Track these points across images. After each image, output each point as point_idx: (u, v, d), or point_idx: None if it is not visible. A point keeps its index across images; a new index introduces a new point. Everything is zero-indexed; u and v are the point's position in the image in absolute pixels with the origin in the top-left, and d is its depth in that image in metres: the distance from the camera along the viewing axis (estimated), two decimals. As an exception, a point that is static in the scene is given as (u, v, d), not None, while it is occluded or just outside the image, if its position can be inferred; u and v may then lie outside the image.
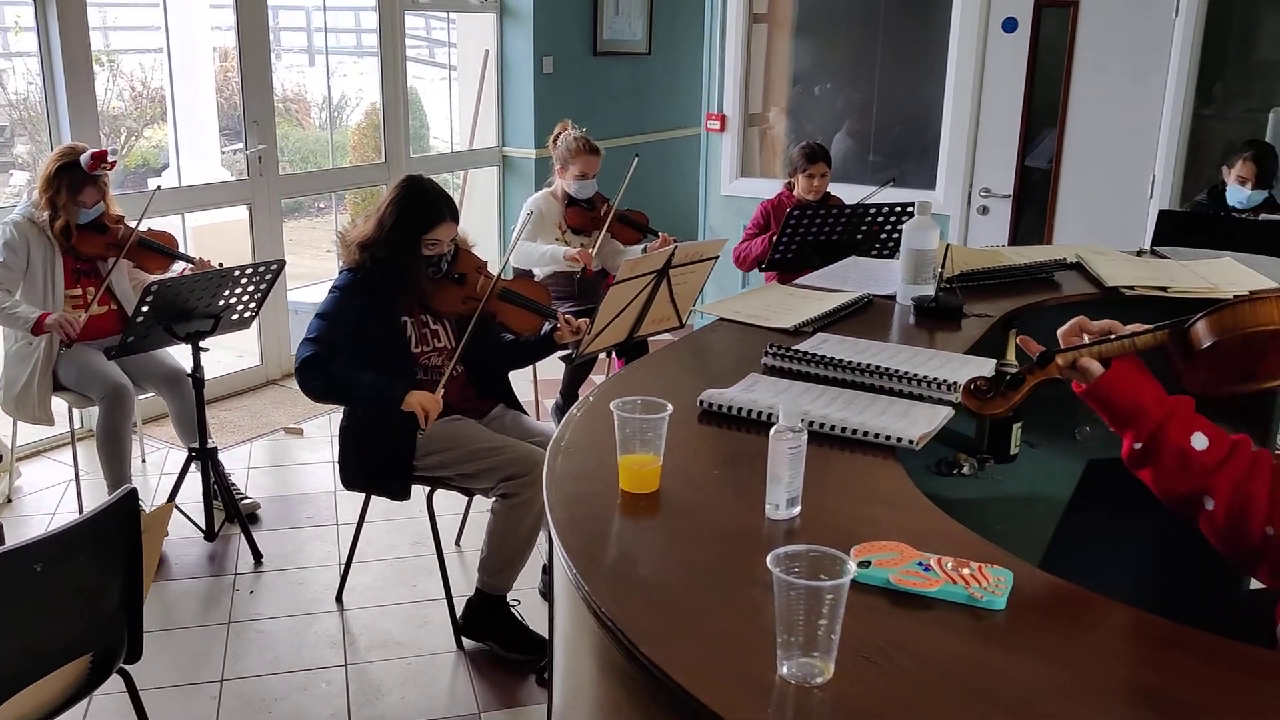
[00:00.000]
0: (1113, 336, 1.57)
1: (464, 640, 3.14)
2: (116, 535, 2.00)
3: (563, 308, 4.40)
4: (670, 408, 1.59)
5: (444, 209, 3.04)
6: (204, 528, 3.74)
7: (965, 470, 2.38)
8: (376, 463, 3.05)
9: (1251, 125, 5.19)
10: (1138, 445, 1.52)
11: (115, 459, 3.68)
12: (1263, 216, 4.28)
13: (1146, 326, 1.57)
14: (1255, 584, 3.04)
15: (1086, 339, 1.59)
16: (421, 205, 3.01)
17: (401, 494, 3.09)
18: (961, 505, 2.24)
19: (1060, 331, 1.62)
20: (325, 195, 6.52)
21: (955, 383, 2.01)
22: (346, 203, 7.24)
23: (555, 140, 4.57)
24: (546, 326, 3.23)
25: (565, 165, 4.50)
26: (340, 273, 3.11)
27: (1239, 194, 4.39)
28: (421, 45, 9.19)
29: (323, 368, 2.93)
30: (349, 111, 8.72)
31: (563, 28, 6.26)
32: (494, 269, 3.29)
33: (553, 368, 4.11)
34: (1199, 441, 1.48)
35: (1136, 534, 2.87)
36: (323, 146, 7.50)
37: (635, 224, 4.71)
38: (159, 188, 3.78)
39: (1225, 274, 2.89)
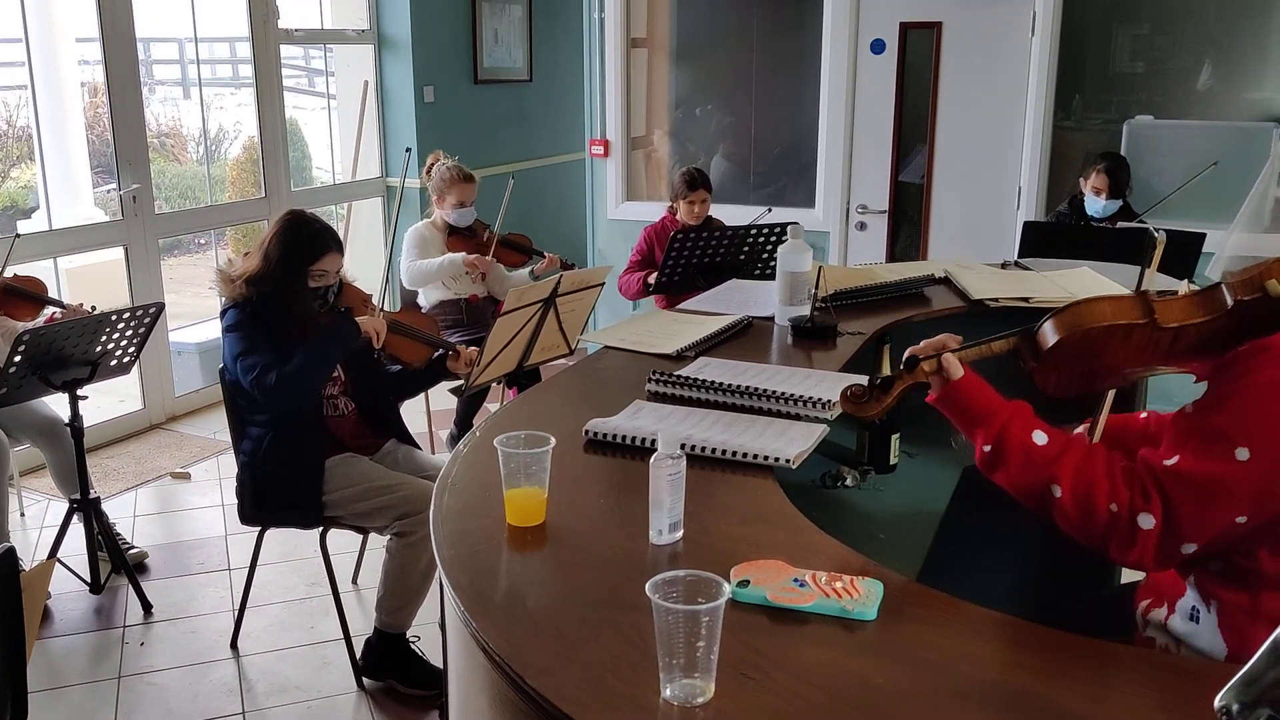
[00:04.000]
0: (970, 343, 1.69)
1: (364, 680, 3.12)
2: (-6, 597, 1.94)
3: (452, 336, 4.42)
4: (553, 441, 1.63)
5: (329, 240, 3.07)
6: (89, 580, 3.64)
7: (849, 482, 2.45)
8: (284, 494, 3.03)
9: (1109, 136, 5.47)
10: (987, 447, 1.62)
11: (-9, 515, 3.56)
12: (1120, 225, 4.52)
13: (999, 334, 1.69)
14: (1125, 577, 3.20)
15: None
16: (305, 236, 3.03)
17: (314, 521, 3.07)
18: (847, 516, 2.31)
19: (921, 345, 1.72)
20: (205, 232, 6.39)
21: (830, 400, 2.10)
22: (227, 239, 7.11)
23: (429, 171, 4.60)
24: (435, 354, 3.26)
25: (442, 195, 4.54)
26: (224, 311, 3.07)
27: (1095, 204, 4.63)
28: (300, 74, 9.07)
29: (288, 378, 2.91)
30: (227, 145, 8.57)
31: (442, 57, 6.27)
32: (385, 297, 3.30)
33: (446, 397, 4.12)
34: (1039, 437, 1.60)
35: (1012, 535, 3.00)
36: (201, 182, 7.35)
37: (519, 246, 4.76)
38: (17, 235, 3.69)
39: (1082, 283, 3.05)
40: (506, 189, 4.51)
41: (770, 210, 5.02)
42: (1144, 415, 2.02)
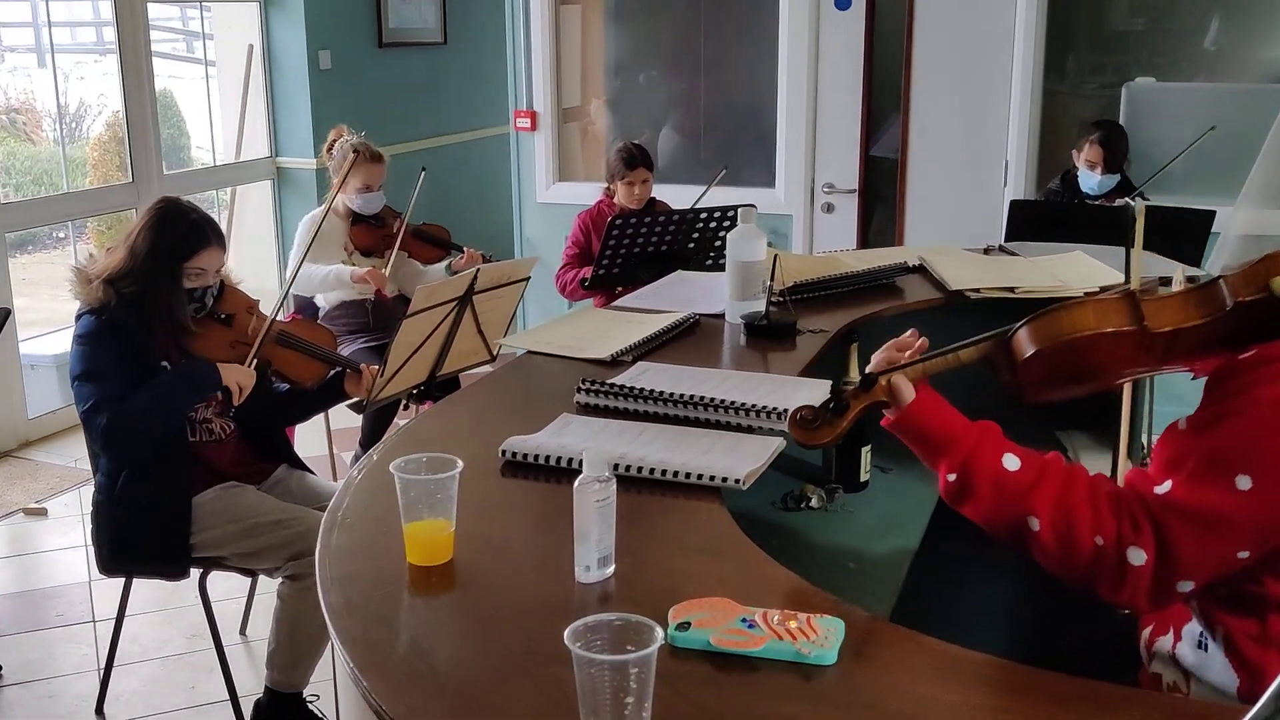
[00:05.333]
0: (935, 352, 1.70)
1: (254, 747, 3.08)
2: None
3: (355, 344, 4.38)
4: (460, 464, 1.61)
5: (208, 232, 3.02)
6: (-76, 639, 3.55)
7: (814, 503, 2.47)
8: (144, 539, 2.96)
9: (1107, 102, 5.55)
10: (951, 476, 1.63)
11: None
12: (1118, 202, 4.58)
13: (969, 341, 1.70)
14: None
15: (904, 358, 1.71)
16: (181, 229, 2.97)
17: (179, 573, 3.02)
18: (812, 543, 2.33)
19: (875, 356, 1.75)
20: (63, 224, 6.26)
21: (787, 410, 2.09)
22: (89, 232, 6.99)
23: (330, 149, 4.55)
24: (330, 373, 3.24)
25: (345, 178, 4.48)
26: (79, 317, 3.01)
27: (1090, 179, 4.69)
28: (178, 38, 8.93)
29: (118, 423, 2.85)
30: (89, 121, 8.41)
31: (340, 16, 6.21)
32: (274, 300, 3.26)
33: (350, 413, 4.08)
34: (1010, 462, 1.60)
35: (1000, 559, 3.02)
36: (57, 165, 7.22)
37: (435, 239, 4.72)
38: None
39: (1075, 269, 3.08)
40: (418, 180, 4.47)
41: (724, 172, 4.99)
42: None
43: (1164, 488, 1.52)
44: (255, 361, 3.05)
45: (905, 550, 2.33)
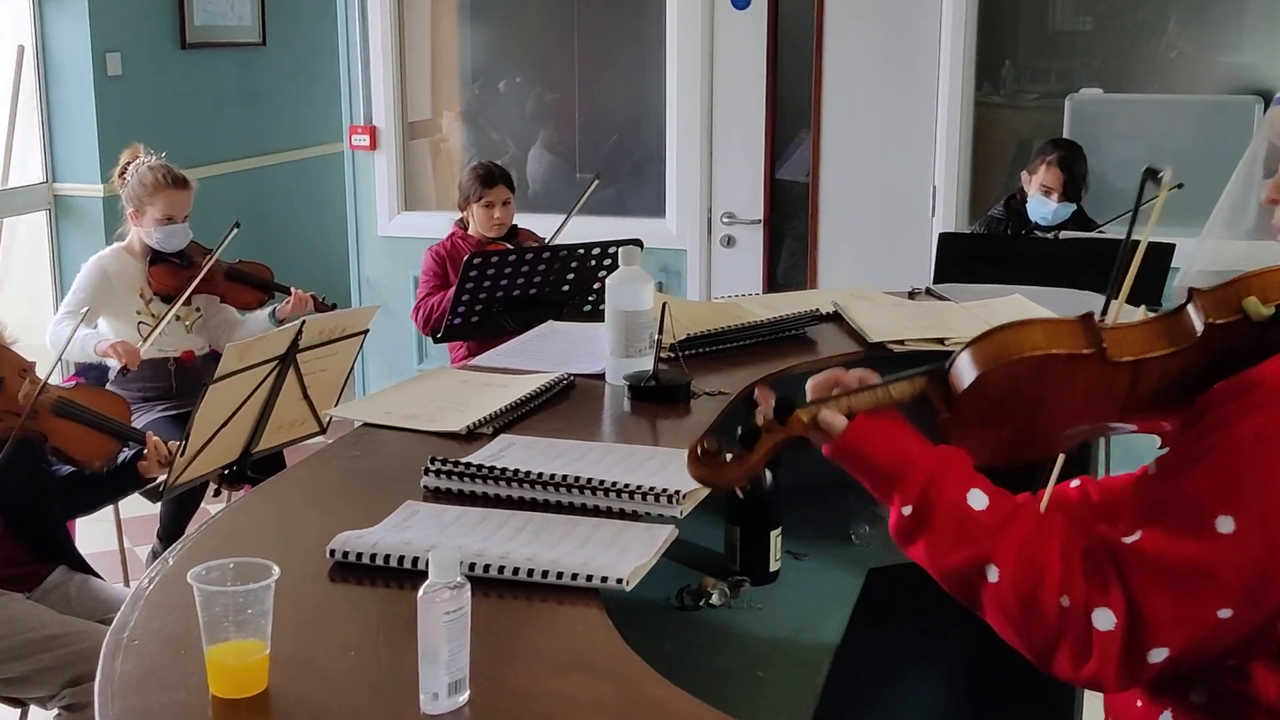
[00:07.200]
0: (864, 386, 1.68)
1: None
2: None
3: (153, 412, 4.31)
4: (276, 571, 1.58)
5: None
6: None
7: (715, 599, 2.49)
8: None
9: (1051, 115, 5.68)
10: (907, 509, 1.60)
11: None
12: (1063, 235, 4.67)
13: (902, 374, 1.69)
14: (1085, 712, 3.29)
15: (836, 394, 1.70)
16: None
17: None
18: (714, 648, 2.34)
19: (811, 383, 1.72)
20: None
21: (679, 491, 2.09)
22: None
23: (123, 174, 4.49)
24: (125, 454, 3.21)
25: (141, 207, 4.44)
26: None
27: (1044, 207, 4.75)
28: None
29: None
30: None
31: (134, 12, 6.16)
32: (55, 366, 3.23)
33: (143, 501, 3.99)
34: (977, 499, 1.59)
35: (933, 652, 3.07)
36: None
37: (254, 280, 4.69)
38: None
39: (1014, 316, 3.14)
40: (229, 233, 4.43)
41: (598, 179, 5.05)
42: (1076, 484, 2.05)
43: (1133, 538, 1.53)
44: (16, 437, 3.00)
45: (824, 649, 2.35)
